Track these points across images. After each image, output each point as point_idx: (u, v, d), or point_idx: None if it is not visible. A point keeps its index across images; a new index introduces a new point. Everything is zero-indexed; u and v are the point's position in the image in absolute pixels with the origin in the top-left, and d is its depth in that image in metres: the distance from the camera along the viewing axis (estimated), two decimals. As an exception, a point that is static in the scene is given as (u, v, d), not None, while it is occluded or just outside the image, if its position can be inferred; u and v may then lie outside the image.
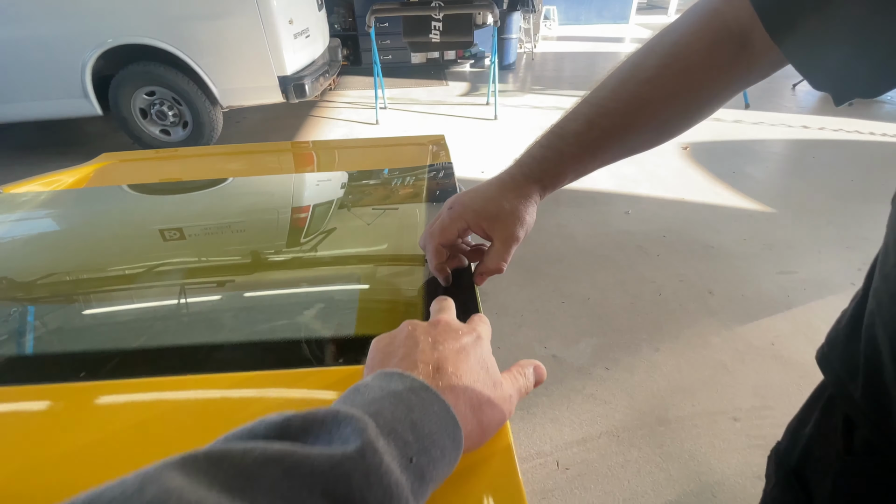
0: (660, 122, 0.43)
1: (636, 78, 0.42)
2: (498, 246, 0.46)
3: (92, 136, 4.00)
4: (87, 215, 0.96)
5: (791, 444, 0.53)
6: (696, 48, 0.39)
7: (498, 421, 0.28)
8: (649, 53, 0.42)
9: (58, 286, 0.67)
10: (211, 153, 1.50)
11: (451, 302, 0.38)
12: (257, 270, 0.70)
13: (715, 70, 0.39)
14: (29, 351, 0.50)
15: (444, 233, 0.47)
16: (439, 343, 0.29)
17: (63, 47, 2.91)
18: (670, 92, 0.41)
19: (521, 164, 0.48)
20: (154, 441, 0.32)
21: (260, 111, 4.33)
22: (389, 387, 0.24)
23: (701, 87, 0.41)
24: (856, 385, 0.40)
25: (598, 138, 0.44)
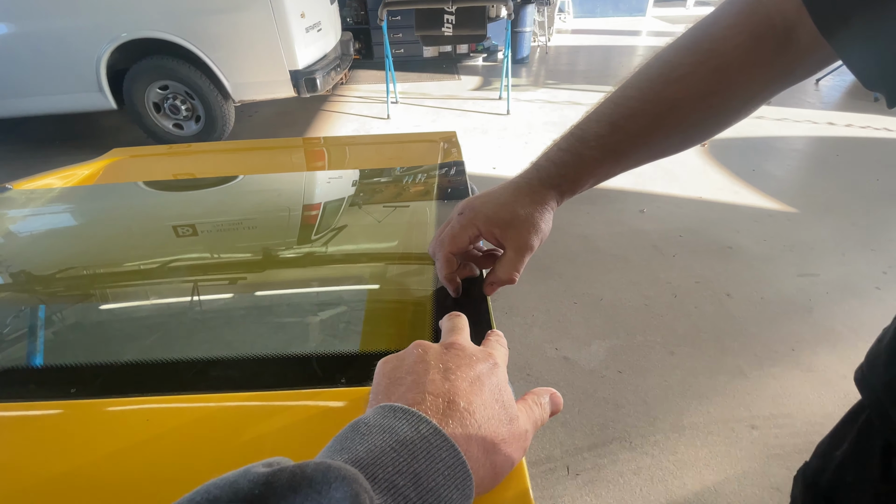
0: (689, 126, 0.40)
1: (666, 76, 0.38)
2: (510, 255, 0.43)
3: (107, 130, 4.04)
4: (95, 212, 0.95)
5: (821, 465, 0.51)
6: (735, 44, 0.35)
7: (513, 461, 0.26)
8: (681, 50, 0.38)
9: (66, 283, 0.66)
10: (221, 149, 1.49)
11: (464, 320, 0.35)
12: (268, 269, 0.70)
13: (754, 68, 0.36)
14: (38, 352, 0.49)
15: (455, 241, 0.44)
16: (451, 371, 0.27)
17: (78, 41, 2.93)
18: (703, 92, 0.37)
19: (538, 167, 0.44)
20: (144, 472, 0.30)
21: (272, 105, 4.33)
22: (393, 427, 0.21)
23: (737, 87, 0.37)
24: (890, 400, 0.39)
25: (622, 142, 0.40)
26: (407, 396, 0.25)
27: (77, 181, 1.12)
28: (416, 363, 0.28)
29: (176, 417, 0.33)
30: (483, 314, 0.45)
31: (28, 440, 0.32)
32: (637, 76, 0.40)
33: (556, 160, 0.43)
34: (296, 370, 0.38)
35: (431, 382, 0.25)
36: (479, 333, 0.38)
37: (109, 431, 0.32)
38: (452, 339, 0.31)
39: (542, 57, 6.06)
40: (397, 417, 0.22)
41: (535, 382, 1.52)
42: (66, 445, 0.31)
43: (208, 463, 0.30)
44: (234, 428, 0.32)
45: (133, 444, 0.31)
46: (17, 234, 0.85)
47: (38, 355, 0.48)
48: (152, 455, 0.30)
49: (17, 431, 0.33)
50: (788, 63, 0.36)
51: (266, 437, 0.31)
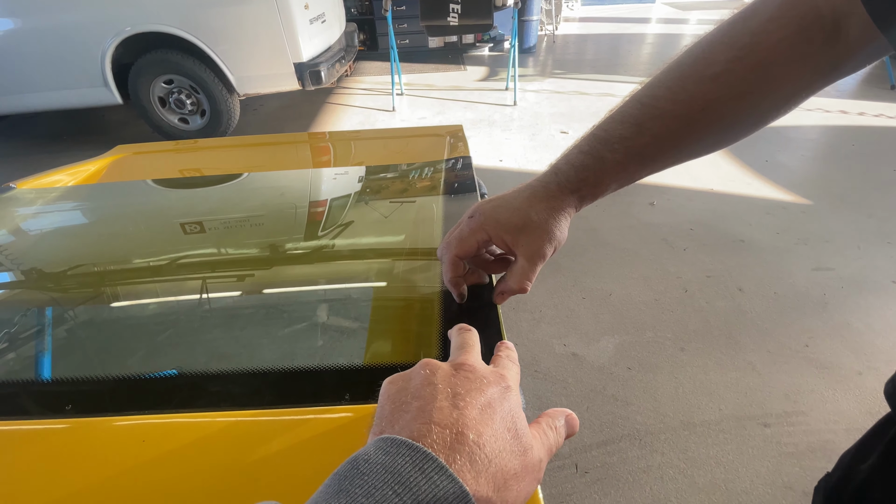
0: (724, 127, 0.37)
1: (700, 74, 0.35)
2: (522, 263, 0.41)
3: (113, 125, 4.05)
4: (99, 211, 0.94)
5: (844, 478, 0.49)
6: (778, 38, 0.32)
7: (525, 495, 0.24)
8: (716, 45, 0.35)
9: (70, 284, 0.65)
10: (226, 145, 1.48)
11: (475, 336, 0.33)
12: (276, 266, 0.69)
13: (799, 64, 0.33)
14: (43, 359, 0.48)
15: (462, 244, 0.42)
16: (461, 397, 0.25)
17: (83, 36, 2.93)
18: (741, 91, 0.34)
19: (556, 170, 0.41)
20: (141, 492, 0.29)
21: (277, 98, 4.31)
22: (395, 467, 0.20)
23: (779, 85, 0.34)
24: None
25: (649, 145, 0.37)
26: (412, 426, 0.23)
27: (81, 179, 1.11)
28: (423, 386, 0.26)
29: (174, 436, 0.32)
30: (493, 322, 0.44)
31: (27, 457, 0.31)
32: (666, 73, 0.37)
33: (577, 163, 0.40)
34: (298, 386, 0.36)
35: (439, 410, 0.24)
36: (489, 343, 0.36)
37: (104, 450, 0.31)
38: (462, 358, 0.29)
39: (550, 46, 5.97)
40: (400, 454, 0.20)
41: (544, 379, 1.51)
42: (63, 464, 0.30)
43: (209, 482, 0.29)
44: (237, 447, 0.31)
45: (129, 463, 0.29)
46: (19, 234, 0.84)
47: (42, 362, 0.47)
48: (149, 474, 0.29)
49: (14, 448, 0.32)
50: (836, 58, 0.33)
51: (268, 457, 0.30)
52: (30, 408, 0.35)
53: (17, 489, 0.29)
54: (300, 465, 0.30)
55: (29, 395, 0.38)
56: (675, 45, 5.76)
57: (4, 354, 0.47)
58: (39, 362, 0.47)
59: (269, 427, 0.32)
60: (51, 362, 0.46)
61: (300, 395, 0.35)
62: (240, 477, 0.29)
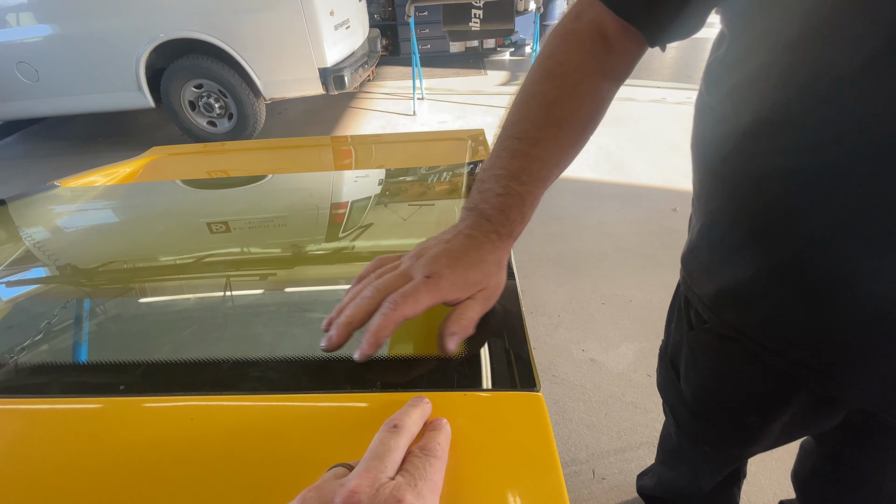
0: (579, 132, 0.47)
1: (546, 105, 0.46)
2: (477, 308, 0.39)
3: (145, 127, 4.20)
4: (136, 210, 0.99)
5: (665, 339, 0.70)
6: (575, 63, 0.45)
7: None
8: (543, 81, 0.46)
9: (107, 277, 0.69)
10: (252, 147, 1.53)
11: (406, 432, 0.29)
12: (299, 266, 0.71)
13: (597, 76, 0.46)
14: (84, 346, 0.51)
15: (415, 306, 0.37)
16: None
17: (119, 42, 3.06)
18: (574, 105, 0.46)
19: (489, 218, 0.42)
20: (188, 468, 0.31)
21: (301, 103, 4.40)
22: None
23: (592, 92, 0.46)
24: (692, 278, 0.57)
25: (542, 168, 0.45)
26: None
27: (120, 178, 1.17)
28: None
29: (218, 416, 0.34)
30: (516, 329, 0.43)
31: (76, 435, 0.33)
32: (520, 111, 0.46)
33: (502, 206, 0.43)
34: (333, 373, 0.38)
35: None
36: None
37: (154, 428, 0.33)
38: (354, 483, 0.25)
39: (571, 51, 5.94)
40: None
41: (561, 384, 1.50)
42: (111, 441, 0.33)
43: (251, 461, 0.31)
44: (275, 428, 0.33)
45: (177, 442, 0.32)
46: (63, 230, 0.89)
47: (83, 349, 0.50)
48: (196, 452, 0.31)
49: (65, 426, 0.34)
50: (616, 61, 0.46)
51: (307, 440, 0.32)
52: (89, 387, 0.38)
53: (77, 461, 0.32)
54: (336, 444, 0.31)
55: (87, 375, 0.41)
56: (698, 48, 5.66)
57: (55, 339, 0.50)
58: (89, 347, 0.50)
59: (307, 410, 0.34)
60: (98, 347, 0.50)
61: (336, 381, 0.37)
62: (277, 451, 0.31)
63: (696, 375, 0.60)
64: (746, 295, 0.48)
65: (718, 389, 0.58)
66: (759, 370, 0.51)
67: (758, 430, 0.57)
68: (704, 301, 0.54)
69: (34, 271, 0.72)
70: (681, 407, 0.65)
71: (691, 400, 0.62)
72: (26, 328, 0.54)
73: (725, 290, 0.51)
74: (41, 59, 3.13)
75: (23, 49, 3.10)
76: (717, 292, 0.52)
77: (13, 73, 3.17)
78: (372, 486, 0.24)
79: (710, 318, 0.54)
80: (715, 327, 0.54)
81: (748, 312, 0.49)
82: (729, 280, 0.50)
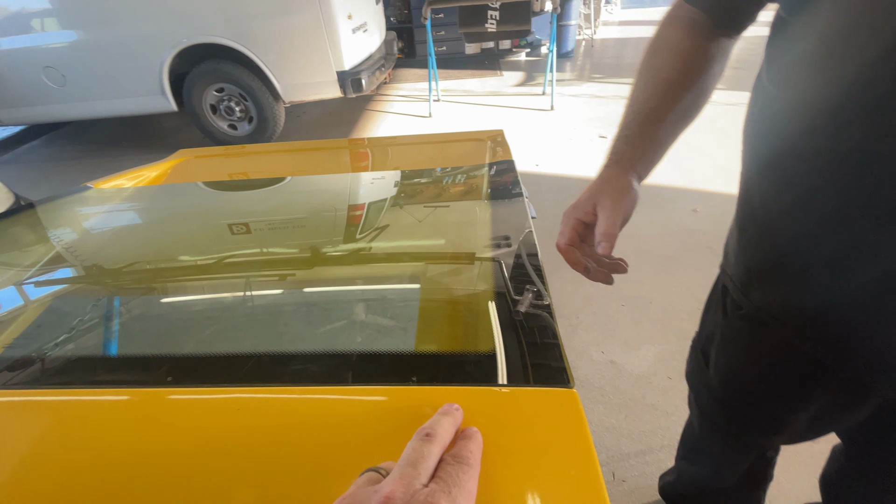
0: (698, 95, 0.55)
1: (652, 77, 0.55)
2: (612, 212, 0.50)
3: (168, 131, 4.30)
4: (164, 211, 1.02)
5: (699, 331, 0.71)
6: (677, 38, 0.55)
7: None
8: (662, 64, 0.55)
9: (141, 275, 0.72)
10: (274, 150, 1.55)
11: (438, 441, 0.29)
12: (322, 266, 0.72)
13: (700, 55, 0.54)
14: (114, 339, 0.53)
15: (577, 208, 0.53)
16: None
17: (144, 48, 3.14)
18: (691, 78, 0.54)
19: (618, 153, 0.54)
20: (238, 457, 0.32)
21: (319, 106, 4.46)
22: None
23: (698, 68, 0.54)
24: (728, 261, 0.59)
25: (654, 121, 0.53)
26: None
27: (149, 180, 1.20)
28: None
29: (263, 406, 0.35)
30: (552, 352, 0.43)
31: (128, 422, 0.35)
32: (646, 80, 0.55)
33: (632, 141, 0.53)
34: (366, 367, 0.39)
35: None
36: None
37: (203, 418, 0.34)
38: (389, 489, 0.25)
39: (588, 50, 5.90)
40: None
41: (580, 386, 1.49)
42: (162, 429, 0.34)
43: (293, 442, 0.32)
44: (316, 415, 0.34)
45: (226, 431, 0.33)
46: (95, 230, 0.92)
47: (129, 343, 0.52)
48: (244, 441, 0.33)
49: (119, 414, 0.36)
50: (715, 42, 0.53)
51: (344, 425, 0.32)
52: (138, 378, 0.40)
53: (129, 445, 0.33)
54: (378, 434, 0.32)
55: (135, 368, 0.42)
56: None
57: (110, 332, 0.53)
58: (130, 341, 0.52)
59: (347, 402, 0.35)
60: (144, 343, 0.51)
61: (370, 375, 0.38)
62: (319, 438, 0.32)
63: (726, 361, 0.61)
64: (774, 274, 0.50)
65: (746, 375, 0.59)
66: (789, 355, 0.52)
67: (783, 418, 0.58)
68: (735, 282, 0.57)
69: (68, 271, 0.75)
70: (706, 394, 0.66)
71: (718, 387, 0.63)
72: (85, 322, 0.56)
73: (753, 269, 0.53)
74: (68, 64, 3.23)
75: (49, 54, 3.21)
76: (746, 272, 0.54)
77: (40, 77, 3.28)
78: (406, 493, 0.24)
79: (742, 302, 0.56)
80: (748, 313, 0.55)
81: (776, 292, 0.51)
82: (758, 259, 0.52)
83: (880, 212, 0.37)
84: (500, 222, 0.76)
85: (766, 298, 0.52)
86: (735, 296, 0.57)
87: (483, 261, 0.60)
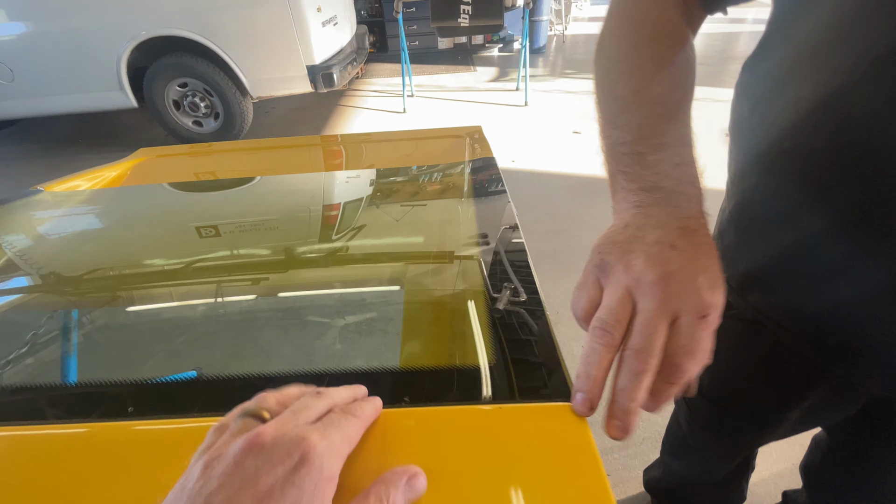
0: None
1: (661, 66, 0.45)
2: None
3: (126, 128, 4.10)
4: (121, 215, 0.95)
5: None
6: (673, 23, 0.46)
7: None
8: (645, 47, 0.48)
9: (98, 288, 0.66)
10: (244, 148, 1.49)
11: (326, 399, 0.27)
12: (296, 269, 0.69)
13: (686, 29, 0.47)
14: (67, 363, 0.48)
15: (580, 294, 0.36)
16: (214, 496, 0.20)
17: (99, 40, 2.97)
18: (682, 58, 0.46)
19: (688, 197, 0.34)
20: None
21: (288, 101, 4.33)
22: None
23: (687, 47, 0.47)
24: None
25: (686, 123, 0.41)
26: None
27: (107, 181, 1.12)
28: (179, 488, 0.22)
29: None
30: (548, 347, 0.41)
31: (86, 461, 0.31)
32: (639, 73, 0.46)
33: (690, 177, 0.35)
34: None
35: None
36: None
37: (171, 452, 0.31)
38: (257, 430, 0.23)
39: (559, 46, 5.95)
40: None
41: (562, 381, 1.49)
42: (127, 468, 0.30)
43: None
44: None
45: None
46: (46, 237, 0.85)
47: (72, 365, 0.47)
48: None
49: (75, 452, 0.32)
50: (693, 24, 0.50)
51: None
52: (92, 410, 0.35)
53: (87, 489, 0.29)
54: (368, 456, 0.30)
55: (93, 396, 0.38)
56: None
57: (46, 356, 0.47)
58: (87, 364, 0.47)
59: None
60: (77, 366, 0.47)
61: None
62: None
63: (716, 361, 0.58)
64: (772, 276, 0.49)
65: (738, 376, 0.59)
66: (783, 357, 0.52)
67: (775, 417, 0.58)
68: (731, 284, 0.54)
69: (16, 281, 0.69)
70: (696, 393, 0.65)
71: (707, 386, 0.63)
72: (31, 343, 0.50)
73: (752, 272, 0.51)
74: (16, 58, 3.03)
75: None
76: (744, 275, 0.52)
77: (-15, 72, 3.07)
78: (278, 431, 0.23)
79: (736, 303, 0.54)
80: (741, 313, 0.54)
81: (774, 294, 0.50)
82: (756, 261, 0.50)
83: (881, 213, 0.36)
84: (483, 219, 0.74)
85: (767, 301, 0.51)
86: (729, 297, 0.56)
87: (468, 260, 0.58)
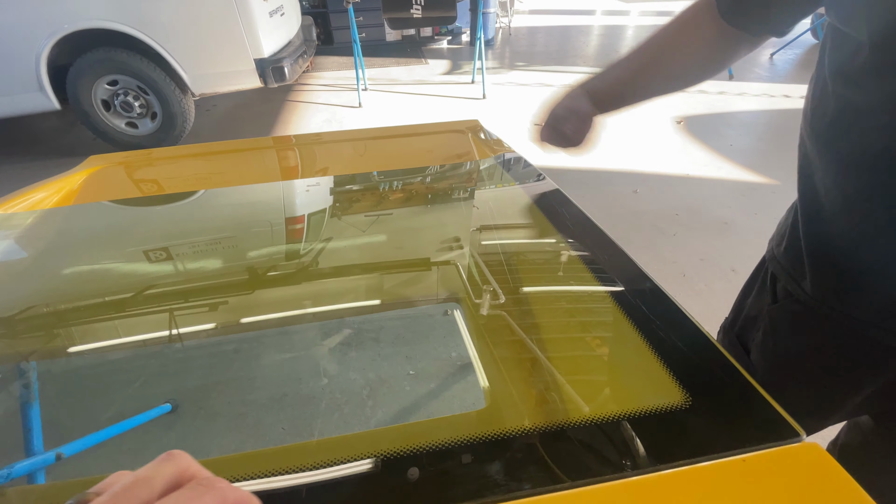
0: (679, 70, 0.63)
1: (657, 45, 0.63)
2: None
3: (48, 133, 3.63)
4: (72, 238, 0.83)
5: (735, 316, 0.70)
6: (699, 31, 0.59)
7: None
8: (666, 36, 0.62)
9: (52, 332, 0.55)
10: (211, 151, 1.34)
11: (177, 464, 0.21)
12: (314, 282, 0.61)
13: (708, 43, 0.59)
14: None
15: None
16: None
17: (13, 37, 2.58)
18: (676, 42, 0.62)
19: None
20: None
21: (231, 98, 4.04)
22: None
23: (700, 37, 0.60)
24: (780, 248, 0.59)
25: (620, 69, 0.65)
26: None
27: (60, 196, 0.96)
28: None
29: None
30: None
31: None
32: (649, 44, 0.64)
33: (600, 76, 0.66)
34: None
35: None
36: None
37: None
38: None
39: (506, 38, 5.99)
40: None
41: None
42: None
43: None
44: None
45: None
46: None
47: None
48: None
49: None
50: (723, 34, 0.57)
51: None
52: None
53: None
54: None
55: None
56: (621, 36, 5.95)
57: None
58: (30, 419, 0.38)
59: None
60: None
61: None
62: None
63: (777, 347, 0.60)
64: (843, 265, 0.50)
65: (803, 360, 0.58)
66: (852, 342, 0.52)
67: (840, 402, 0.58)
68: (791, 272, 0.56)
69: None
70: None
71: (764, 372, 0.62)
72: None
73: (817, 260, 0.53)
74: None
75: None
76: (813, 262, 0.53)
77: None
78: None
79: (796, 291, 0.56)
80: (805, 300, 0.54)
81: (846, 283, 0.50)
82: (825, 251, 0.52)
83: None
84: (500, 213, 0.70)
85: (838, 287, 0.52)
86: (788, 284, 0.57)
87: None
